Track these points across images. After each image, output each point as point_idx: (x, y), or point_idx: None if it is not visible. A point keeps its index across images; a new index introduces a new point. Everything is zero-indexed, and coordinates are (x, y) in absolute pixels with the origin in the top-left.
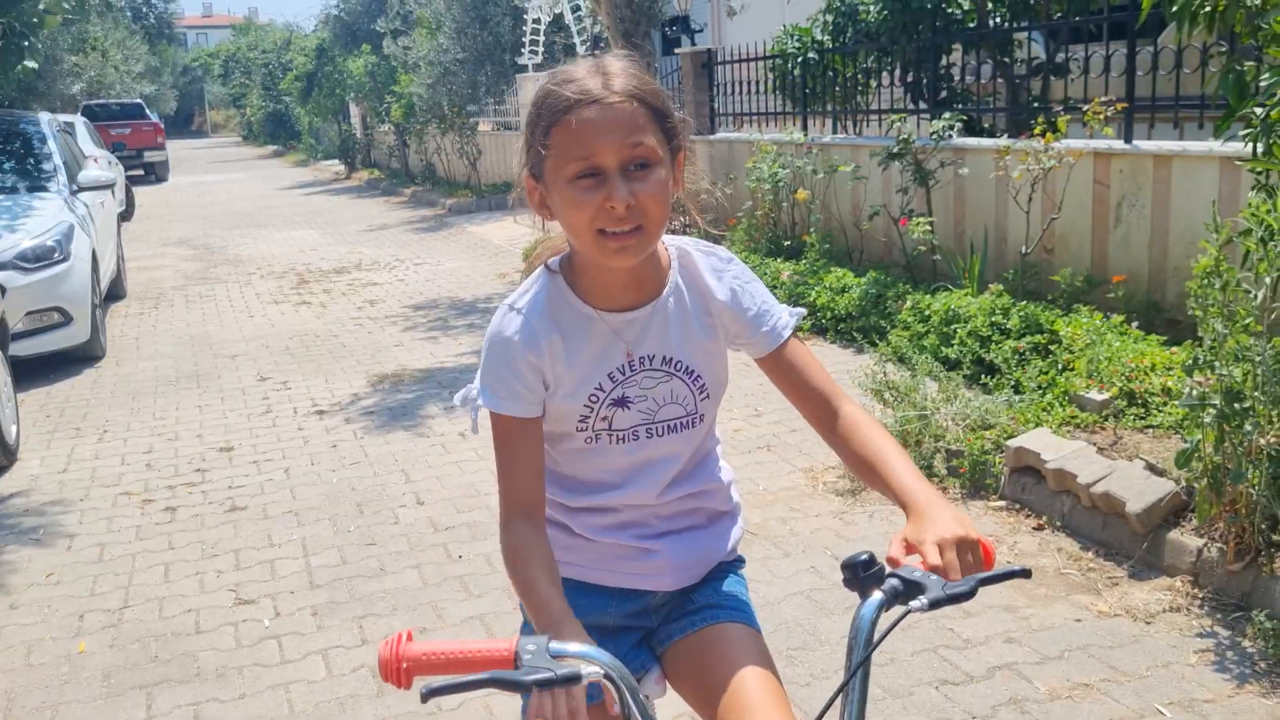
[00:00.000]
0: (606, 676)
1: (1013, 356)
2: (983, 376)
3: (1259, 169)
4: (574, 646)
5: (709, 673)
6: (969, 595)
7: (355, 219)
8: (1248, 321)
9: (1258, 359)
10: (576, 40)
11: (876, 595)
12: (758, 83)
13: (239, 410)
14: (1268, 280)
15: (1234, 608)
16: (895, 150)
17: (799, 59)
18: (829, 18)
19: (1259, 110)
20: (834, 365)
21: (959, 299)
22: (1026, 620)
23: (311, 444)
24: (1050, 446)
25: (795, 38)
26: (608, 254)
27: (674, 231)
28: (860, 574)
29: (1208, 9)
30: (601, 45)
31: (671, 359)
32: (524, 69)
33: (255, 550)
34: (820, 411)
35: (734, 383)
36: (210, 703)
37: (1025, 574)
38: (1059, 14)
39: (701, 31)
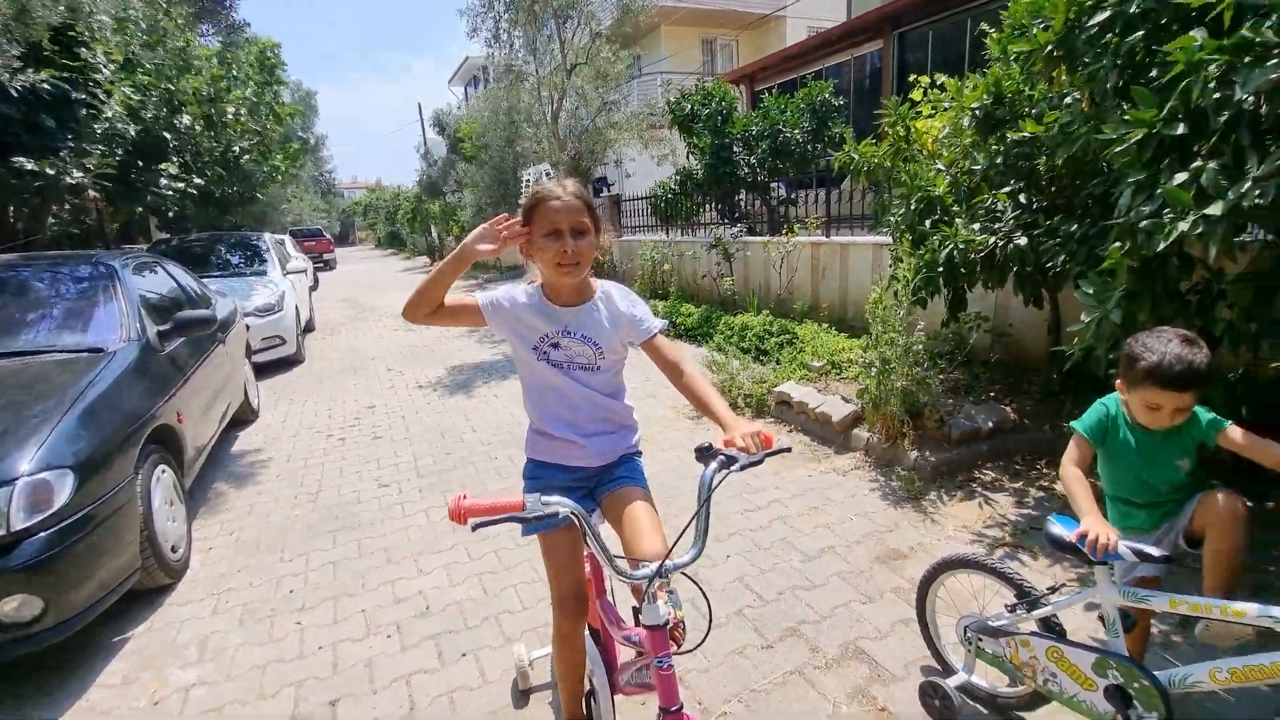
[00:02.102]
0: (573, 512)
1: (775, 346)
2: (761, 357)
3: (892, 248)
4: (554, 498)
5: (621, 511)
6: (760, 462)
7: None
8: (894, 325)
9: (897, 343)
10: None
11: (713, 464)
12: (643, 211)
13: (376, 386)
14: (904, 305)
15: (886, 466)
16: (712, 244)
17: (664, 198)
18: (678, 177)
19: (891, 219)
20: (689, 353)
21: (748, 318)
22: (784, 476)
23: (415, 402)
24: (794, 389)
25: (661, 188)
26: (560, 275)
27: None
28: (703, 453)
29: (864, 170)
30: None
31: (588, 335)
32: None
33: (387, 458)
34: (673, 373)
35: (638, 367)
36: (366, 539)
37: (788, 450)
38: (793, 173)
39: (614, 185)
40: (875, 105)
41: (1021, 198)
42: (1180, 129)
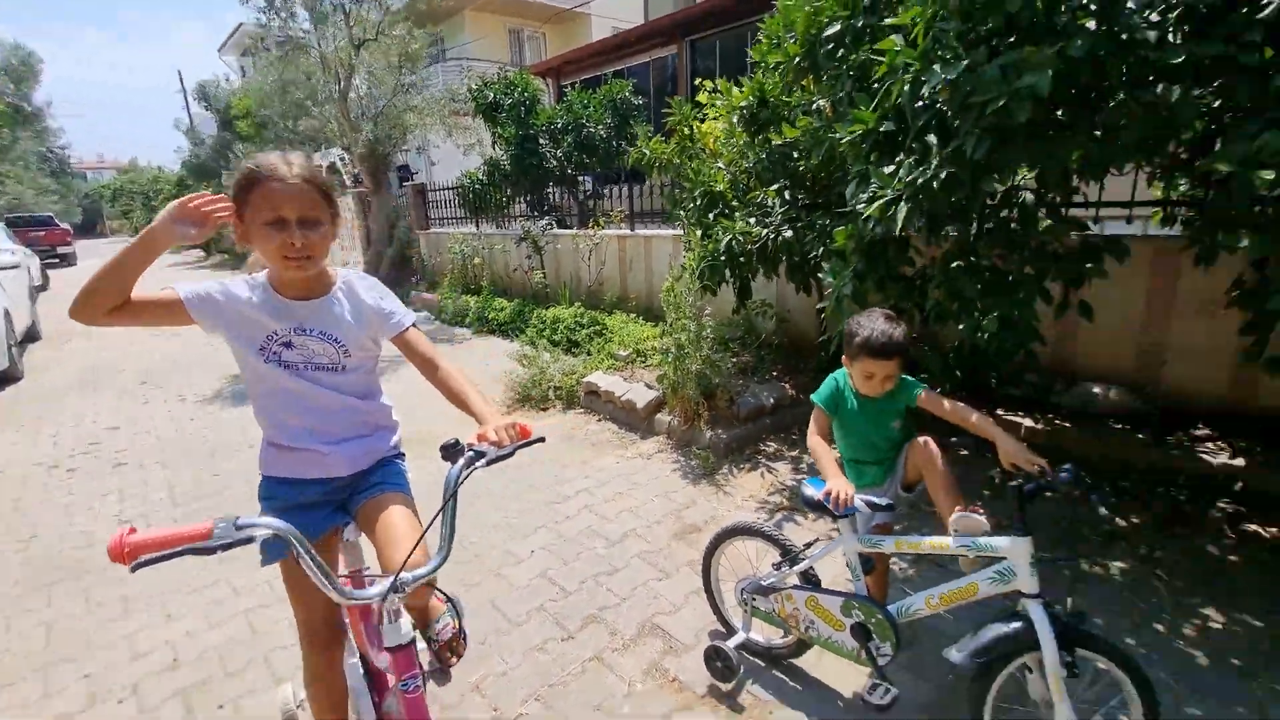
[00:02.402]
0: (279, 533)
1: (586, 338)
2: (573, 349)
3: (685, 239)
4: (260, 519)
5: (375, 521)
6: (511, 454)
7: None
8: (686, 312)
9: (690, 329)
10: (345, 177)
11: (460, 461)
12: (450, 202)
13: (123, 404)
14: (692, 292)
15: (685, 446)
16: (522, 236)
17: (471, 189)
18: (485, 167)
19: (682, 213)
20: (499, 348)
21: (559, 311)
22: (592, 465)
23: (178, 419)
24: (603, 379)
25: (469, 178)
26: (287, 269)
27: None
28: (449, 450)
29: (655, 166)
30: (360, 182)
31: (327, 332)
32: None
33: (133, 487)
34: (427, 369)
35: (464, 359)
36: (97, 588)
37: (542, 440)
38: (599, 168)
39: (418, 173)
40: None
41: (787, 194)
42: (889, 126)
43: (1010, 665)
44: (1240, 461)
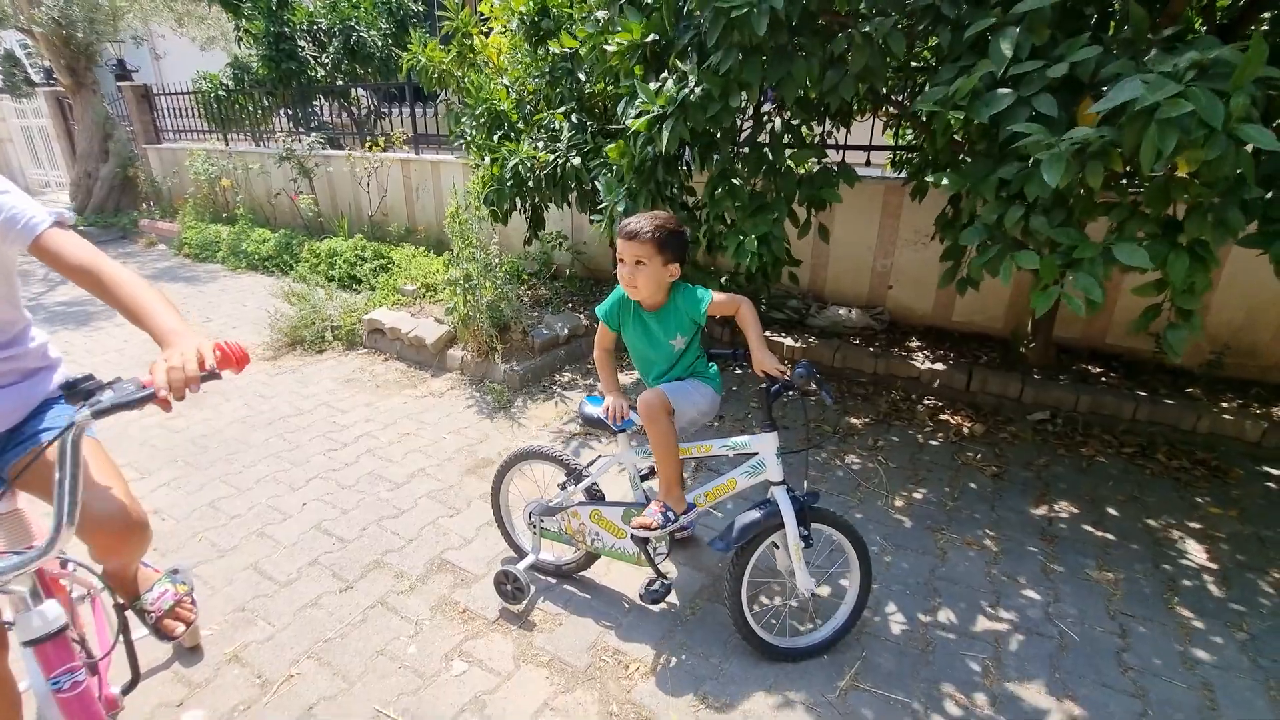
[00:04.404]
0: None
1: (369, 273)
2: (354, 285)
3: (473, 163)
4: None
5: (45, 476)
6: (198, 385)
7: None
8: (474, 240)
9: (478, 258)
10: (30, 72)
11: (84, 406)
12: (188, 110)
13: None
14: (478, 218)
15: (479, 381)
16: (284, 156)
17: (214, 94)
18: (231, 69)
19: (466, 133)
20: (262, 286)
21: (337, 243)
22: (377, 406)
23: None
24: (387, 316)
25: (209, 81)
26: None
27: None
28: (74, 389)
29: (433, 77)
30: (53, 79)
31: None
32: None
33: None
34: (90, 282)
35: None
36: None
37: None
38: (376, 79)
39: (138, 71)
40: None
41: (574, 118)
42: (655, 39)
43: (761, 544)
44: (939, 366)
